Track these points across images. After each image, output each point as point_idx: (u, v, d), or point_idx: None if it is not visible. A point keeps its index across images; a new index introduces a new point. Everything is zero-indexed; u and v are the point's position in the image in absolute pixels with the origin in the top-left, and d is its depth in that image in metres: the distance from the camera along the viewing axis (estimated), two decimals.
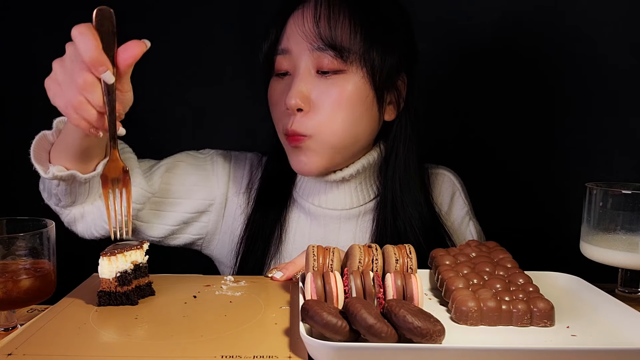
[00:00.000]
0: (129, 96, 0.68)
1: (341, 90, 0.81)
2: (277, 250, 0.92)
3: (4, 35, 1.21)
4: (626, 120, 1.20)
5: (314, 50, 0.81)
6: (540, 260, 0.81)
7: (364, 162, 0.89)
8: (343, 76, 0.81)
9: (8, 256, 0.63)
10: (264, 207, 0.93)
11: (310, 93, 0.82)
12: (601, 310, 0.66)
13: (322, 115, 0.81)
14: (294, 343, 0.56)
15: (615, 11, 1.17)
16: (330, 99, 0.81)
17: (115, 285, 0.67)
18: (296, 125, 0.82)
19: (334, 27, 0.80)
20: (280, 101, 0.84)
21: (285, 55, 0.84)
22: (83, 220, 0.83)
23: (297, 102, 0.80)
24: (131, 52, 0.62)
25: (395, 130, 0.89)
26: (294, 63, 0.83)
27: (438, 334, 0.53)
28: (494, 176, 1.23)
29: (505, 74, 1.23)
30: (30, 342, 0.56)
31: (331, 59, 0.80)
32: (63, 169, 0.75)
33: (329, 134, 0.82)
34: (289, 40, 0.83)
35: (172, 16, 1.24)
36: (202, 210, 0.93)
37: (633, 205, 0.76)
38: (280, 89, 0.85)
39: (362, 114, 0.83)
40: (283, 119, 0.84)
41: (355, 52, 0.81)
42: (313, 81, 0.82)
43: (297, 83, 0.81)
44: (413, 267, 0.67)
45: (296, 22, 0.82)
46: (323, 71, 0.81)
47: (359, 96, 0.82)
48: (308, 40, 0.81)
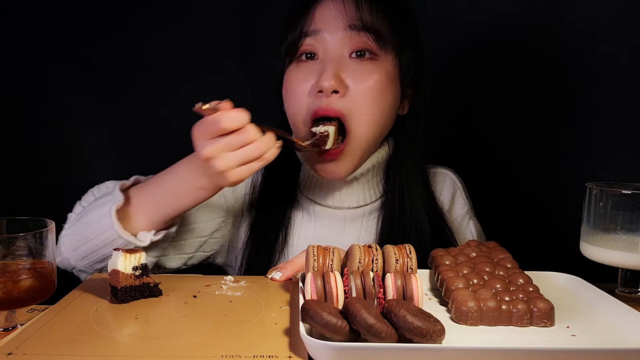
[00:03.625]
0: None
1: (377, 76, 0.81)
2: (281, 252, 0.92)
3: (4, 35, 1.21)
4: (626, 120, 1.20)
5: (351, 30, 0.80)
6: (540, 260, 0.81)
7: (374, 160, 0.89)
8: (377, 63, 0.82)
9: (8, 256, 0.63)
10: (268, 209, 0.93)
11: (346, 76, 0.81)
12: (601, 310, 0.66)
13: (357, 100, 0.81)
14: (294, 343, 0.56)
15: (616, 10, 1.17)
16: (366, 84, 0.81)
17: (133, 279, 0.68)
18: (333, 103, 0.80)
19: (375, 13, 0.81)
20: (304, 83, 0.82)
21: (315, 36, 0.82)
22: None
23: (332, 84, 0.79)
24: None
25: (408, 126, 0.90)
26: (325, 44, 0.82)
27: (438, 334, 0.53)
28: (494, 176, 1.23)
29: (505, 73, 1.23)
30: (30, 342, 0.56)
31: (368, 41, 0.81)
32: (156, 232, 0.77)
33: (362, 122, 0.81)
34: (320, 21, 0.82)
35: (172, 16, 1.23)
36: (215, 228, 0.93)
37: (633, 205, 0.76)
38: (306, 72, 0.83)
39: (390, 105, 0.84)
40: (309, 101, 0.82)
41: (390, 42, 0.82)
42: (347, 64, 0.81)
43: (332, 65, 0.80)
44: (413, 267, 0.67)
45: (328, 5, 0.82)
46: (358, 53, 0.81)
47: (390, 85, 0.83)
48: (347, 20, 0.80)
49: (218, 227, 0.93)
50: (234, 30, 1.24)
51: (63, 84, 1.19)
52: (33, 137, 1.20)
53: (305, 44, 0.83)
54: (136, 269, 0.68)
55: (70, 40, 1.17)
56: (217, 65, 1.25)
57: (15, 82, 1.22)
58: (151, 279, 0.70)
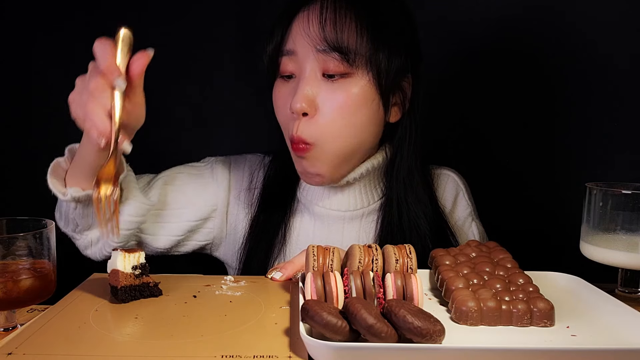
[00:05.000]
0: (141, 112, 0.72)
1: (347, 94, 0.80)
2: (280, 252, 0.92)
3: (4, 35, 1.21)
4: (626, 120, 1.20)
5: (320, 52, 0.79)
6: (540, 260, 0.81)
7: (369, 165, 0.88)
8: (349, 80, 0.80)
9: (8, 256, 0.63)
10: (268, 208, 0.93)
11: (316, 97, 0.80)
12: (601, 310, 0.66)
13: (327, 119, 0.80)
14: (294, 343, 0.56)
15: (615, 11, 1.17)
16: (336, 103, 0.80)
17: (133, 278, 0.68)
18: (301, 131, 0.81)
19: (340, 30, 0.79)
20: (286, 104, 0.83)
21: (290, 56, 0.82)
22: (98, 243, 0.84)
23: (303, 106, 0.79)
24: (140, 62, 0.68)
25: (400, 131, 0.88)
26: (300, 65, 0.82)
27: (438, 334, 0.53)
28: (494, 176, 1.23)
29: (505, 75, 1.23)
30: (30, 342, 0.56)
31: (337, 62, 0.79)
32: (80, 190, 0.77)
33: (334, 139, 0.81)
34: (294, 42, 0.82)
35: (172, 15, 1.23)
36: (205, 217, 0.93)
37: (633, 205, 0.76)
38: (286, 92, 0.84)
39: (368, 119, 0.83)
40: (289, 123, 0.83)
41: (361, 55, 0.80)
42: (319, 84, 0.81)
43: (302, 86, 0.80)
44: (413, 267, 0.67)
45: (301, 23, 0.81)
46: (329, 75, 0.80)
47: (365, 100, 0.81)
48: (313, 42, 0.79)
49: (208, 215, 0.94)
50: (234, 31, 1.24)
51: (63, 83, 1.19)
52: (33, 137, 1.20)
53: (283, 63, 0.84)
54: (135, 268, 0.68)
55: (70, 40, 1.17)
56: (217, 65, 1.25)
57: (15, 82, 1.22)
58: (151, 278, 0.70)
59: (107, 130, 0.66)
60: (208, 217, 0.94)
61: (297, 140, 0.82)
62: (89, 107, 0.66)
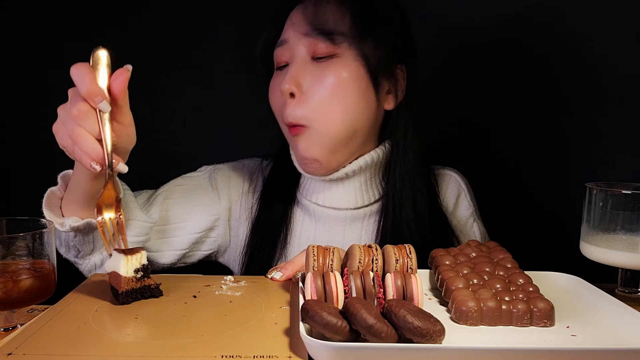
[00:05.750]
0: (131, 131, 0.70)
1: (334, 73, 0.82)
2: (282, 253, 0.92)
3: (4, 35, 1.21)
4: (626, 120, 1.20)
5: (307, 37, 0.82)
6: (540, 260, 0.81)
7: (367, 159, 0.88)
8: (337, 60, 0.82)
9: (8, 256, 0.63)
10: (269, 210, 0.93)
11: (304, 79, 0.82)
12: (601, 310, 0.66)
13: (315, 100, 0.82)
14: (294, 343, 0.56)
15: (614, 11, 1.17)
16: (323, 83, 0.81)
17: (135, 282, 0.68)
18: (292, 113, 0.82)
19: (321, 12, 0.82)
20: (277, 91, 0.85)
21: (283, 46, 0.85)
22: (102, 266, 0.83)
23: (290, 86, 0.81)
24: (121, 79, 0.66)
25: (393, 121, 0.89)
26: (291, 52, 0.84)
27: (438, 334, 0.53)
28: (494, 176, 1.23)
29: (506, 74, 1.23)
30: (30, 342, 0.56)
31: (322, 45, 0.81)
32: (78, 219, 0.76)
33: (325, 121, 0.82)
34: (285, 32, 0.85)
35: (172, 15, 1.23)
36: (209, 227, 0.93)
37: (633, 205, 0.76)
38: (279, 81, 0.85)
39: (357, 99, 0.83)
40: (281, 109, 0.85)
41: (346, 35, 0.82)
42: (307, 67, 0.83)
43: (291, 69, 0.83)
44: (413, 267, 0.67)
45: (293, 16, 0.85)
46: (317, 57, 0.82)
47: (353, 80, 0.82)
48: (299, 28, 0.83)
49: (212, 225, 0.94)
50: (234, 31, 1.24)
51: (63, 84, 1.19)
52: (33, 137, 1.20)
53: (277, 54, 0.86)
54: (137, 271, 0.68)
55: (71, 40, 1.17)
56: (218, 65, 1.25)
57: (15, 81, 1.22)
58: (152, 280, 0.70)
59: (99, 156, 0.64)
60: (212, 227, 0.94)
61: (290, 124, 0.84)
62: (76, 135, 0.64)
